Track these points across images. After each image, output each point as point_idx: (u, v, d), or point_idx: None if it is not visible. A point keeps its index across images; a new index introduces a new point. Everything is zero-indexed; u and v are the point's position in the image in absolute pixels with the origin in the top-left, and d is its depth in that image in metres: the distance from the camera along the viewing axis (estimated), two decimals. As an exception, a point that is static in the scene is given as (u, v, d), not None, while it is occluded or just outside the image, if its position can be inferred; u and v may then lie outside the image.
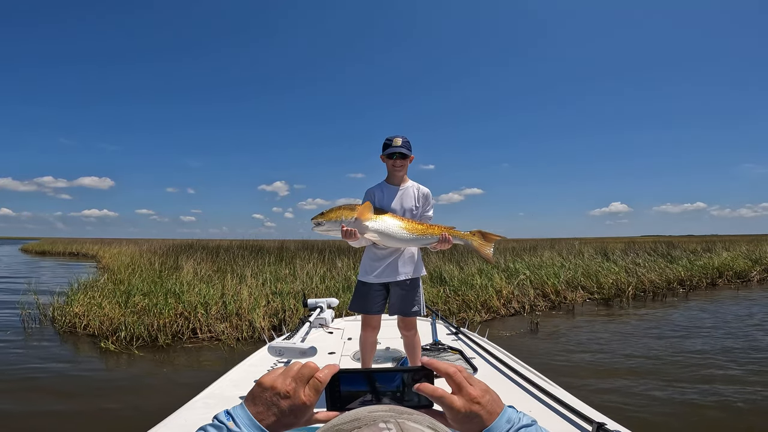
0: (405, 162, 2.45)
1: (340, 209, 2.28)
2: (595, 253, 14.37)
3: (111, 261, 17.05)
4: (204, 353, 5.56)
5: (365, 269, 2.51)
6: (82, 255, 29.61)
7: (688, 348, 5.54)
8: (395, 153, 2.40)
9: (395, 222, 2.30)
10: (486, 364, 2.56)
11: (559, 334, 6.50)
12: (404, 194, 2.48)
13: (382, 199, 2.46)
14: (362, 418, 0.51)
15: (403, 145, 2.39)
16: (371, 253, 2.49)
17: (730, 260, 14.15)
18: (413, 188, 2.51)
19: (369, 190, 2.52)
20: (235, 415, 0.63)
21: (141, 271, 10.28)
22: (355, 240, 2.26)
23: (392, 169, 2.47)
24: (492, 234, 2.44)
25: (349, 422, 0.51)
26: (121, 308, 6.67)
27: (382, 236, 2.27)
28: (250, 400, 0.64)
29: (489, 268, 9.77)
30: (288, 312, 6.78)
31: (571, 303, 9.12)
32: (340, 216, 2.25)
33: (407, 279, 2.45)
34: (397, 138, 2.39)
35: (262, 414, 0.62)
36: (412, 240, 2.31)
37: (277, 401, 0.63)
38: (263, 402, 0.63)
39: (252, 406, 0.63)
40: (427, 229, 2.32)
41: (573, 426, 1.66)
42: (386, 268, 2.44)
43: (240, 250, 13.91)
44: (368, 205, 2.29)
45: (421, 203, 2.49)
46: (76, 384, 4.36)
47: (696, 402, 3.80)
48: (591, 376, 4.52)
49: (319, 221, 2.29)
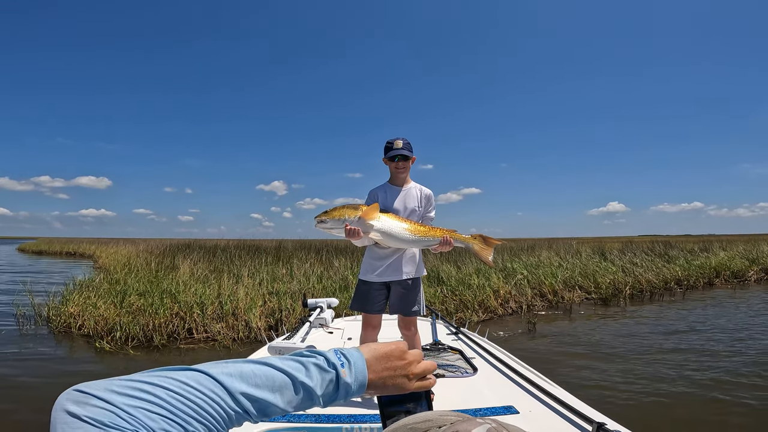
0: (407, 164, 2.49)
1: (345, 208, 2.29)
2: (592, 253, 14.37)
3: (108, 261, 16.99)
4: (200, 353, 5.52)
5: (366, 268, 2.52)
6: (79, 255, 29.48)
7: (687, 347, 5.54)
8: (397, 155, 2.43)
9: (398, 223, 2.32)
10: (486, 364, 2.54)
11: (557, 334, 6.49)
12: (407, 195, 2.51)
13: (385, 199, 2.49)
14: (434, 420, 0.51)
15: (405, 147, 2.43)
16: (373, 252, 2.50)
17: (728, 260, 14.19)
18: (416, 189, 2.54)
19: (372, 191, 2.56)
20: (353, 365, 0.59)
21: (137, 271, 10.23)
22: (359, 239, 2.27)
23: (395, 171, 2.50)
24: (493, 238, 2.47)
25: (422, 422, 0.51)
26: (117, 308, 6.62)
27: (385, 236, 2.29)
28: (376, 360, 0.61)
29: (486, 268, 9.75)
30: (285, 312, 6.74)
31: (568, 303, 9.12)
32: (344, 215, 2.27)
33: (408, 278, 2.47)
34: (398, 140, 2.43)
35: (376, 378, 0.60)
36: (415, 241, 2.33)
37: (398, 375, 0.61)
38: (388, 369, 0.61)
39: (375, 365, 0.60)
40: (429, 231, 2.35)
41: (573, 426, 1.64)
42: (387, 267, 2.45)
43: (237, 249, 13.84)
44: (376, 206, 2.30)
45: (423, 204, 2.53)
46: (71, 384, 4.31)
47: (696, 402, 3.79)
48: (589, 375, 4.50)
49: (322, 219, 2.30)
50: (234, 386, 0.50)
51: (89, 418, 0.41)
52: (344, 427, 1.67)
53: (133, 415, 0.43)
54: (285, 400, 0.54)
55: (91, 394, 0.44)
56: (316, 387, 0.56)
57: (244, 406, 0.51)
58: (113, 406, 0.43)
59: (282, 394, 0.54)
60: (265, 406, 0.52)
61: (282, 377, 0.54)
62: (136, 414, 0.43)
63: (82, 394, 0.44)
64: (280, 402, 0.54)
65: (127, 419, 0.42)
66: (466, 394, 2.04)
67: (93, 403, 0.43)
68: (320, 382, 0.56)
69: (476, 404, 1.88)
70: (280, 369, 0.55)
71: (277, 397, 0.53)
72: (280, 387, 0.54)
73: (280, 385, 0.54)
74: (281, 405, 0.54)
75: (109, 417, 0.42)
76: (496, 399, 1.95)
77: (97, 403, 0.43)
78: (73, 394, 0.44)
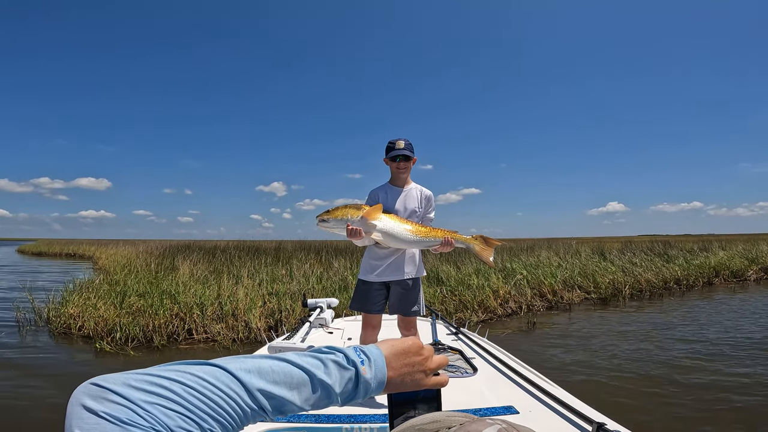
0: (408, 164, 2.50)
1: (347, 208, 2.30)
2: (592, 253, 14.35)
3: (107, 262, 16.94)
4: (200, 354, 5.52)
5: (366, 268, 2.53)
6: (78, 256, 29.47)
7: (686, 347, 5.54)
8: (398, 156, 2.44)
9: (400, 223, 2.33)
10: (486, 364, 2.54)
11: (557, 334, 6.49)
12: (407, 196, 2.52)
13: (386, 200, 2.50)
14: (442, 420, 0.51)
15: (406, 148, 2.44)
16: (373, 252, 2.51)
17: (727, 259, 14.18)
18: (416, 190, 2.55)
19: (373, 192, 2.57)
20: (374, 362, 0.58)
21: (137, 272, 10.22)
22: (360, 239, 2.28)
23: (396, 172, 2.51)
24: (494, 239, 2.47)
25: (430, 423, 0.51)
26: (117, 309, 6.62)
27: (386, 236, 2.30)
28: (394, 356, 0.60)
29: (486, 268, 9.74)
30: (284, 312, 6.74)
31: (568, 303, 9.12)
32: (346, 214, 2.28)
33: (408, 279, 2.47)
34: (400, 141, 2.44)
35: (396, 375, 0.59)
36: (416, 242, 2.33)
37: (416, 371, 0.61)
38: (406, 365, 0.60)
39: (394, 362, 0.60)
40: (430, 231, 2.36)
41: (573, 426, 1.64)
42: (387, 267, 2.46)
43: (237, 250, 13.83)
44: (379, 206, 2.31)
45: (424, 205, 2.54)
46: (71, 384, 4.31)
47: (696, 401, 3.79)
48: (589, 375, 4.50)
49: (324, 218, 2.32)
50: (252, 383, 0.49)
51: (106, 414, 0.41)
52: (344, 427, 1.66)
53: (150, 411, 0.42)
54: (302, 397, 0.53)
55: (108, 388, 0.43)
56: (334, 385, 0.54)
57: (260, 403, 0.49)
58: (130, 402, 0.42)
59: (300, 392, 0.53)
60: (282, 403, 0.51)
61: (300, 374, 0.53)
62: (153, 411, 0.42)
63: (100, 389, 0.43)
64: (298, 400, 0.52)
65: (144, 416, 0.41)
66: (467, 394, 2.04)
67: (110, 399, 0.42)
68: (339, 380, 0.55)
69: (476, 404, 1.88)
70: (299, 365, 0.53)
71: (294, 395, 0.52)
72: (298, 384, 0.53)
73: (298, 382, 0.53)
74: (298, 403, 0.53)
75: (126, 414, 0.41)
76: (496, 399, 1.95)
77: (115, 399, 0.42)
78: (90, 388, 0.43)
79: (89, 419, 0.40)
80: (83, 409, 0.41)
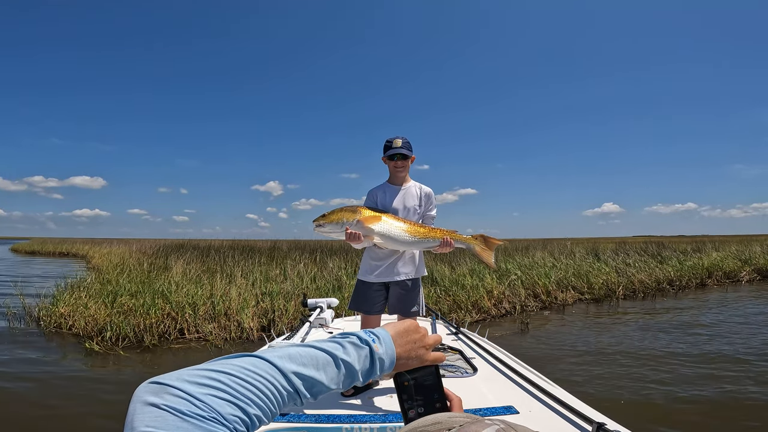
0: (406, 163, 2.46)
1: (342, 211, 2.27)
2: (586, 254, 14.42)
3: (101, 261, 16.82)
4: (191, 354, 5.46)
5: (366, 268, 2.49)
6: (72, 255, 29.18)
7: (680, 347, 5.57)
8: (396, 154, 2.41)
9: (398, 225, 2.29)
10: (486, 364, 2.52)
11: (550, 334, 6.51)
12: (406, 194, 2.49)
13: (385, 199, 2.47)
14: (443, 422, 0.53)
15: (404, 146, 2.41)
16: (372, 252, 2.48)
17: (720, 260, 14.31)
18: (415, 188, 2.52)
19: (371, 191, 2.53)
20: (383, 340, 0.65)
21: (129, 271, 10.11)
22: (358, 243, 2.25)
23: (394, 170, 2.48)
24: (494, 239, 2.44)
25: (431, 424, 0.53)
26: (108, 308, 6.53)
27: (385, 239, 2.26)
28: (398, 335, 0.67)
29: (481, 268, 9.74)
30: (278, 312, 6.69)
31: (561, 303, 9.15)
32: (341, 218, 2.24)
33: (408, 279, 2.44)
34: (398, 139, 2.40)
35: (402, 351, 0.66)
36: (415, 243, 2.30)
37: (418, 347, 0.68)
38: (409, 342, 0.67)
39: (399, 339, 0.67)
40: (429, 232, 2.32)
41: (573, 426, 1.62)
42: (387, 267, 2.43)
43: (231, 250, 13.76)
44: (377, 216, 2.28)
45: (424, 203, 2.51)
46: (59, 384, 4.24)
47: (695, 401, 3.80)
48: (583, 375, 4.51)
49: (320, 223, 2.28)
50: (286, 366, 0.54)
51: (167, 407, 0.44)
52: (344, 427, 1.65)
53: (205, 402, 0.45)
54: (329, 377, 0.58)
55: (166, 384, 0.46)
56: (354, 362, 0.60)
57: (295, 385, 0.54)
58: (188, 395, 0.45)
59: (326, 372, 0.58)
60: (312, 384, 0.56)
61: (324, 355, 0.59)
62: (207, 401, 0.46)
63: (159, 386, 0.46)
64: (325, 379, 0.58)
65: (202, 407, 0.45)
66: (466, 394, 2.01)
67: (170, 392, 0.45)
68: (357, 358, 0.61)
69: (476, 404, 1.86)
70: (321, 348, 0.60)
71: (321, 375, 0.57)
72: (323, 365, 0.58)
73: (323, 363, 0.58)
74: (326, 382, 0.58)
75: (186, 405, 0.44)
76: (496, 399, 1.93)
77: (174, 392, 0.45)
78: (150, 386, 0.47)
79: (151, 412, 0.44)
80: (145, 404, 0.44)
